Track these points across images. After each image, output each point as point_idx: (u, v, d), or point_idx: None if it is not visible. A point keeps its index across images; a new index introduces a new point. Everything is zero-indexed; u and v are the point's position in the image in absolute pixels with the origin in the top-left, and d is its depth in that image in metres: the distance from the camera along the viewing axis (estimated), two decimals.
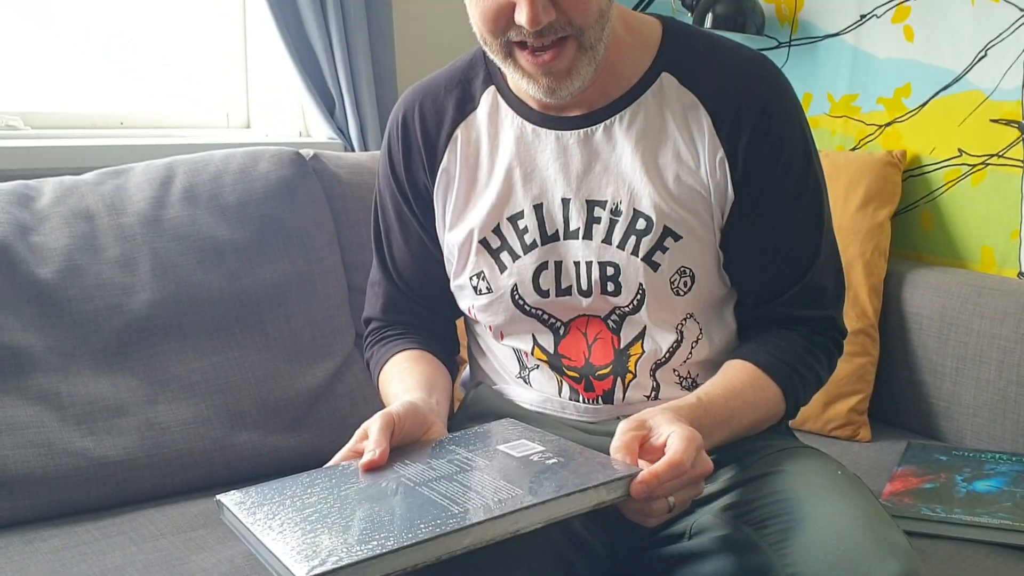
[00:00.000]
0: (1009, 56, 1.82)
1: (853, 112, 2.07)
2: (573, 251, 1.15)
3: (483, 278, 1.18)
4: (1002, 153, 1.85)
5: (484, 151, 1.19)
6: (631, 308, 1.14)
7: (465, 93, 1.21)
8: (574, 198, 1.14)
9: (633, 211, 1.12)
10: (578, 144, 1.14)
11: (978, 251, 1.91)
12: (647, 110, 1.13)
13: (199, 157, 1.65)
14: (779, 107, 1.14)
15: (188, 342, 1.51)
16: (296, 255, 1.63)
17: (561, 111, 1.15)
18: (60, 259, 1.45)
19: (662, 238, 1.12)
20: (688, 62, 1.14)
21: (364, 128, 2.06)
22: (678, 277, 1.13)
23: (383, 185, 1.28)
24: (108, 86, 2.02)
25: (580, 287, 1.15)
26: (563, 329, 1.18)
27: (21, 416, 1.36)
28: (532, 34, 1.02)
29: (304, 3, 1.96)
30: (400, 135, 1.24)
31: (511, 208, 1.16)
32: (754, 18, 2.10)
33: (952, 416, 1.76)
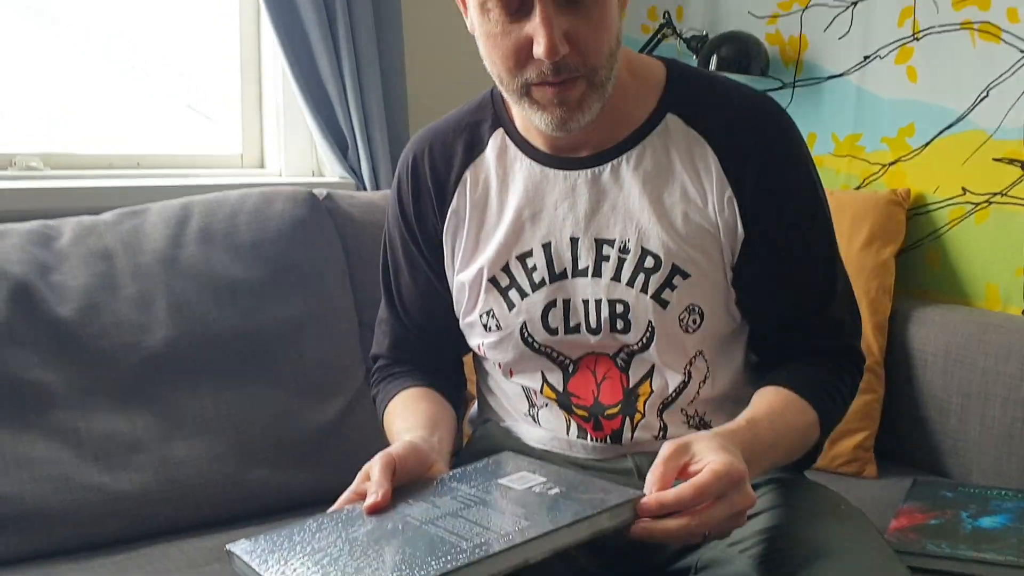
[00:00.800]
0: (1011, 96, 1.85)
1: (857, 151, 2.10)
2: (582, 289, 1.16)
3: (492, 316, 1.20)
4: (1005, 192, 1.87)
5: (493, 192, 1.21)
6: (640, 346, 1.15)
7: (474, 136, 1.23)
8: (583, 237, 1.16)
9: (641, 249, 1.14)
10: (586, 184, 1.16)
11: (983, 288, 1.92)
12: (654, 150, 1.15)
13: (215, 197, 1.69)
14: (785, 145, 1.16)
15: (203, 379, 1.53)
16: (309, 293, 1.66)
17: (569, 152, 1.17)
18: (79, 297, 1.48)
19: (671, 276, 1.13)
20: (693, 103, 1.16)
21: (376, 168, 2.10)
22: (687, 315, 1.14)
23: (392, 225, 1.31)
24: (125, 127, 2.06)
25: (589, 325, 1.16)
26: (572, 367, 1.19)
27: (40, 451, 1.39)
28: (550, 69, 1.04)
29: (318, 47, 2.00)
30: (410, 177, 1.26)
31: (520, 247, 1.18)
32: (758, 60, 2.13)
33: (958, 453, 1.77)
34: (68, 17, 1.97)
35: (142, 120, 2.09)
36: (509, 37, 1.05)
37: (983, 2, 1.87)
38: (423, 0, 2.25)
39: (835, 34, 2.11)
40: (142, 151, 2.05)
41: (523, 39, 1.04)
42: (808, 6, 2.16)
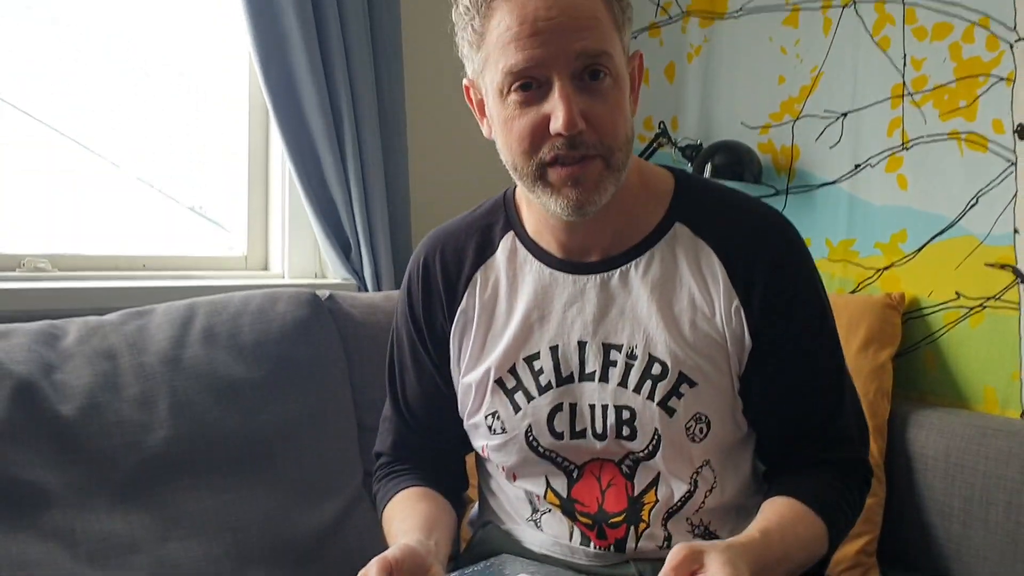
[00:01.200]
0: (999, 204, 1.89)
1: (851, 256, 2.13)
2: (588, 394, 1.16)
3: (498, 418, 1.20)
4: (998, 296, 1.90)
5: (503, 293, 1.22)
6: (646, 453, 1.15)
7: (485, 238, 1.25)
8: (591, 341, 1.16)
9: (648, 356, 1.14)
10: (595, 288, 1.17)
11: (980, 392, 1.93)
12: (662, 257, 1.16)
13: (219, 298, 1.71)
14: (792, 258, 1.18)
15: (202, 479, 1.53)
16: (309, 393, 1.67)
17: (578, 256, 1.19)
18: (82, 396, 1.49)
19: (677, 384, 1.13)
20: (701, 213, 1.18)
21: (378, 270, 2.14)
22: (694, 423, 1.14)
23: (400, 324, 1.31)
24: (131, 230, 2.10)
25: (595, 430, 1.16)
26: (577, 473, 1.18)
27: (34, 553, 1.37)
28: (566, 144, 1.05)
29: (324, 151, 2.06)
30: (421, 277, 1.27)
31: (528, 349, 1.19)
32: (752, 167, 2.19)
33: (962, 558, 1.75)
34: (75, 124, 2.03)
35: (148, 222, 2.13)
36: (527, 117, 1.07)
37: (969, 113, 1.94)
38: (428, 105, 2.32)
39: (826, 143, 2.18)
40: (148, 252, 2.08)
41: (540, 118, 1.06)
42: (799, 117, 2.23)
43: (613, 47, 1.06)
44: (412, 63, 2.24)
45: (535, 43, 1.03)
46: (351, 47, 2.06)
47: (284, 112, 2.02)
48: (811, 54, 2.20)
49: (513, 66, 1.04)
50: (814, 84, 2.20)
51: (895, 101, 2.05)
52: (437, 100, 2.33)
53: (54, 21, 1.98)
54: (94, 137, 2.05)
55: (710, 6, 2.40)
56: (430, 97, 2.33)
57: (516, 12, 1.03)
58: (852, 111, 2.13)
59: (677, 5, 2.48)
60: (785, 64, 2.25)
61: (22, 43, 1.93)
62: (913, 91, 2.02)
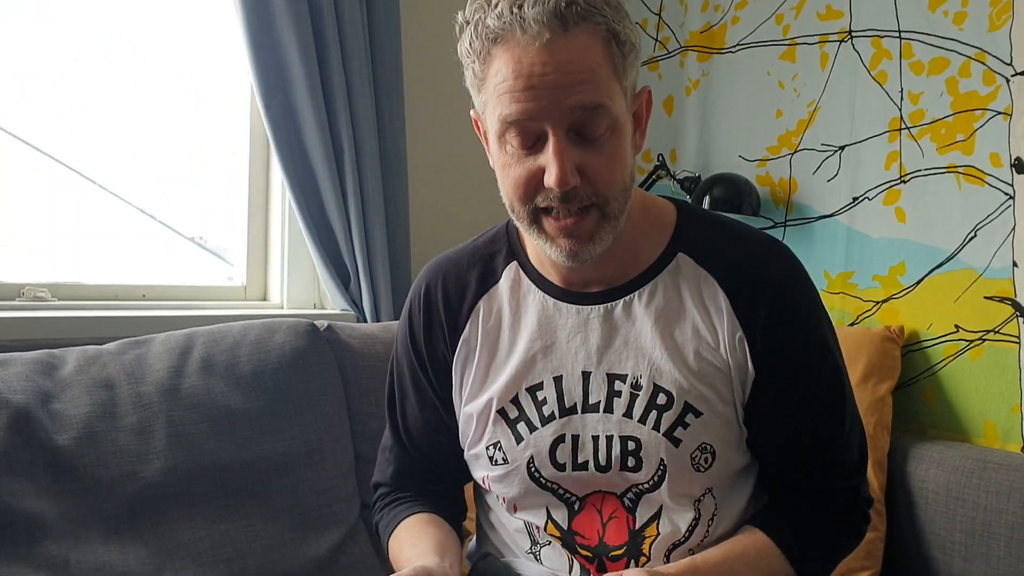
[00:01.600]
0: (998, 237, 1.90)
1: (850, 289, 2.14)
2: (592, 425, 1.16)
3: (499, 448, 1.19)
4: (998, 329, 1.90)
5: (506, 323, 1.21)
6: (650, 485, 1.14)
7: (487, 267, 1.25)
8: (595, 372, 1.16)
9: (654, 386, 1.14)
10: (598, 319, 1.17)
11: (980, 425, 1.92)
12: (665, 287, 1.17)
13: (218, 328, 1.71)
14: (795, 287, 1.18)
15: (198, 509, 1.52)
16: (306, 424, 1.66)
17: (582, 287, 1.19)
18: (79, 426, 1.48)
19: (683, 414, 1.13)
20: (703, 243, 1.19)
21: (377, 300, 2.14)
22: (699, 453, 1.14)
23: (401, 352, 1.30)
24: (131, 259, 2.11)
25: (598, 462, 1.15)
26: (578, 504, 1.18)
27: None
28: (559, 198, 1.06)
29: (324, 183, 2.07)
30: (422, 306, 1.27)
31: (531, 379, 1.18)
32: (750, 200, 2.20)
33: None
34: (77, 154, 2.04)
35: (149, 253, 2.14)
36: (522, 166, 1.07)
37: (967, 147, 1.95)
38: (428, 137, 2.34)
39: (824, 176, 2.19)
40: (148, 282, 2.08)
41: (535, 168, 1.06)
42: (797, 150, 2.24)
43: (611, 97, 1.06)
44: (412, 95, 2.26)
45: (529, 96, 1.03)
46: (352, 79, 2.08)
47: (285, 143, 2.04)
48: (809, 88, 2.22)
49: (507, 116, 1.04)
50: (811, 118, 2.21)
51: (893, 135, 2.07)
52: (437, 132, 2.35)
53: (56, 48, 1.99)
54: (96, 167, 2.06)
55: (708, 41, 2.43)
56: (430, 129, 2.34)
57: (512, 65, 1.03)
58: (850, 144, 2.14)
59: (676, 40, 2.50)
60: (783, 98, 2.27)
61: (24, 72, 1.95)
62: (910, 125, 2.04)
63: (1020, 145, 1.87)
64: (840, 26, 2.16)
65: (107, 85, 2.05)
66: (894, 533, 1.84)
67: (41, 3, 1.97)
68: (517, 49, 1.03)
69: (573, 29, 1.02)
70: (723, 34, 2.39)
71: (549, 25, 1.01)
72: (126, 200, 2.12)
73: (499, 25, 1.03)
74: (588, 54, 1.04)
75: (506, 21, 1.02)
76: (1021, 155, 1.87)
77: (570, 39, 1.02)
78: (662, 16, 2.53)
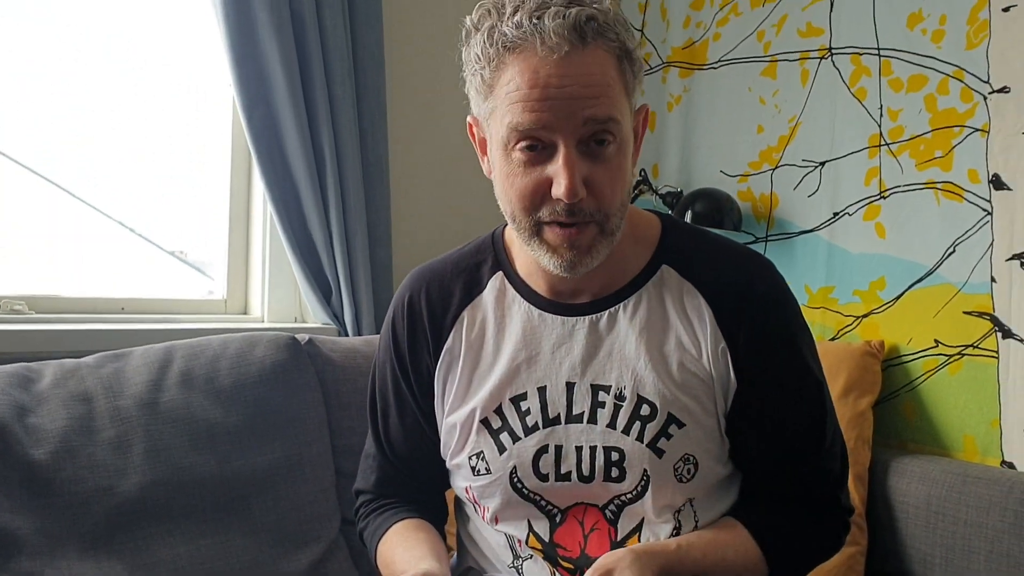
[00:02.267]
0: (976, 252, 1.91)
1: (831, 304, 2.15)
2: (575, 435, 1.16)
3: (482, 458, 1.19)
4: (977, 344, 1.91)
5: (490, 333, 1.22)
6: (633, 496, 1.15)
7: (472, 277, 1.25)
8: (579, 382, 1.16)
9: (637, 396, 1.14)
10: (583, 330, 1.18)
11: (960, 440, 1.93)
12: (649, 299, 1.18)
13: (198, 341, 1.69)
14: (777, 300, 1.19)
15: (176, 525, 1.50)
16: (287, 438, 1.65)
17: (568, 298, 1.19)
18: (55, 440, 1.46)
19: (666, 425, 1.14)
20: (686, 255, 1.20)
21: (359, 314, 2.13)
22: (682, 464, 1.14)
23: (383, 361, 1.30)
24: (110, 272, 2.09)
25: (581, 472, 1.15)
26: (560, 516, 1.18)
27: None
28: (565, 211, 1.06)
29: (307, 196, 2.06)
30: (406, 315, 1.26)
31: (515, 389, 1.18)
32: (731, 215, 2.21)
33: None
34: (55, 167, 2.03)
35: (129, 267, 2.12)
36: (529, 177, 1.07)
37: (945, 163, 1.96)
38: (411, 151, 2.33)
39: (804, 192, 2.20)
40: (127, 295, 2.07)
41: (543, 179, 1.07)
42: (777, 166, 2.25)
43: (622, 112, 1.07)
44: (395, 108, 2.26)
45: (544, 107, 1.03)
46: (335, 92, 2.07)
47: (266, 156, 2.03)
48: (789, 104, 2.23)
49: (519, 124, 1.05)
50: (792, 133, 2.23)
51: (872, 151, 2.08)
52: (419, 145, 2.35)
53: (36, 64, 1.98)
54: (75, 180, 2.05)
55: (690, 57, 2.44)
56: (413, 142, 2.34)
57: (527, 73, 1.04)
58: (830, 160, 2.16)
59: (658, 56, 2.51)
60: (764, 114, 2.28)
61: (2, 84, 1.93)
62: (890, 141, 2.05)
63: (998, 162, 1.89)
64: (820, 43, 2.18)
65: (87, 97, 2.04)
66: (875, 547, 1.84)
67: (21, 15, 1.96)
68: (534, 59, 1.03)
69: (591, 44, 1.04)
70: (705, 50, 2.41)
71: (569, 38, 1.02)
72: (106, 214, 2.11)
73: (517, 34, 1.03)
74: (604, 69, 1.05)
75: (525, 30, 1.03)
76: (999, 171, 1.89)
77: (587, 54, 1.04)
78: (644, 32, 2.54)
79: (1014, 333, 1.86)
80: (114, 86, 2.08)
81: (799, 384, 1.19)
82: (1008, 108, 1.87)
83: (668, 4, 2.49)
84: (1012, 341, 1.86)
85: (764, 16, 2.28)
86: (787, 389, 1.18)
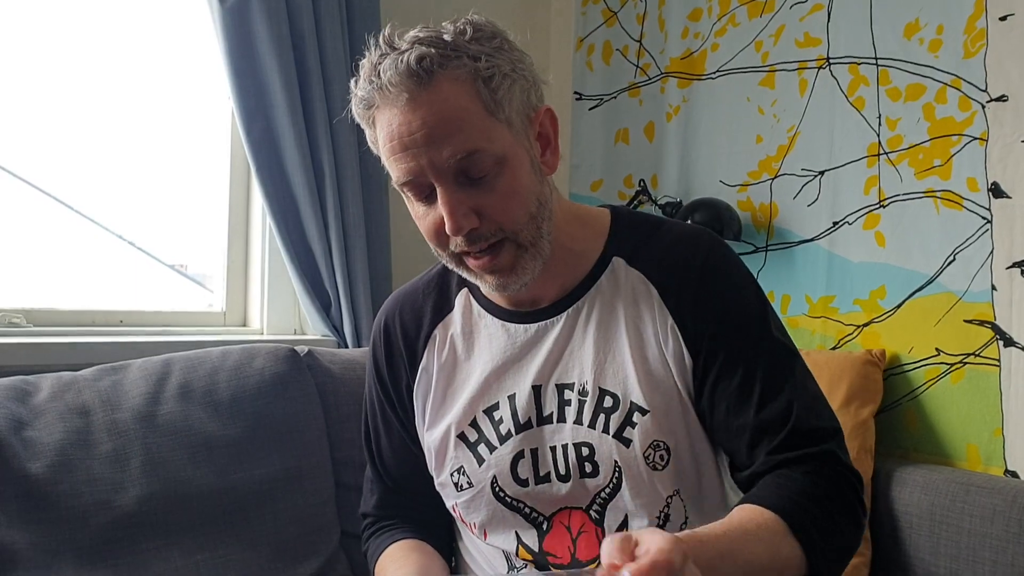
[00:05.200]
0: (976, 261, 1.91)
1: (831, 313, 2.14)
2: (548, 436, 1.17)
3: (463, 473, 1.21)
4: (978, 352, 1.91)
5: (460, 349, 1.25)
6: (610, 489, 1.15)
7: (442, 295, 1.28)
8: (545, 384, 1.18)
9: (599, 390, 1.15)
10: (545, 333, 1.20)
11: (963, 449, 1.92)
12: (602, 295, 1.19)
13: (196, 354, 1.69)
14: (716, 265, 1.17)
15: (173, 539, 1.49)
16: (286, 451, 1.64)
17: (529, 305, 1.21)
18: (52, 454, 1.45)
19: (629, 414, 1.14)
20: (633, 244, 1.20)
21: (358, 326, 2.12)
22: (652, 451, 1.14)
23: (370, 387, 1.35)
24: (109, 285, 2.09)
25: (558, 471, 1.16)
26: (546, 524, 1.18)
27: None
28: (464, 242, 1.09)
29: (306, 209, 2.06)
30: (383, 340, 1.31)
31: (486, 401, 1.21)
32: (731, 225, 2.21)
33: None
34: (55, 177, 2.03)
35: (128, 279, 2.11)
36: (428, 218, 1.12)
37: (944, 172, 1.96)
38: None
39: (804, 201, 2.20)
40: (125, 307, 2.06)
41: (438, 219, 1.10)
42: (777, 175, 2.25)
43: (488, 138, 1.06)
44: None
45: (407, 157, 1.06)
46: (333, 105, 2.07)
47: (265, 169, 2.03)
48: (788, 114, 2.24)
49: (397, 179, 1.10)
50: (791, 143, 2.23)
51: (871, 160, 2.08)
52: None
53: (35, 77, 1.98)
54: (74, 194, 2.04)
55: (688, 67, 2.44)
56: None
57: (386, 129, 1.08)
58: (829, 169, 2.16)
59: (656, 66, 2.51)
60: (763, 124, 2.28)
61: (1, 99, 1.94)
62: (889, 150, 2.05)
63: (996, 170, 1.89)
64: (818, 53, 2.18)
65: (86, 109, 2.04)
66: (879, 558, 1.83)
67: (18, 26, 1.96)
68: (387, 112, 1.07)
69: (432, 82, 1.05)
70: (703, 61, 2.41)
71: (405, 85, 1.04)
72: (104, 226, 2.11)
73: (367, 92, 1.08)
74: (453, 102, 1.05)
75: (371, 88, 1.07)
76: (998, 180, 1.89)
77: (432, 93, 1.05)
78: (642, 43, 2.55)
79: (1015, 341, 1.85)
80: (113, 99, 2.08)
81: (756, 346, 1.14)
82: (1006, 116, 1.87)
83: (666, 15, 2.49)
84: (1014, 349, 1.85)
85: (762, 27, 2.29)
86: (744, 352, 1.13)
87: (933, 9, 1.99)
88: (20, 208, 2.00)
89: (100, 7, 2.05)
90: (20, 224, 2.00)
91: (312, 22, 2.03)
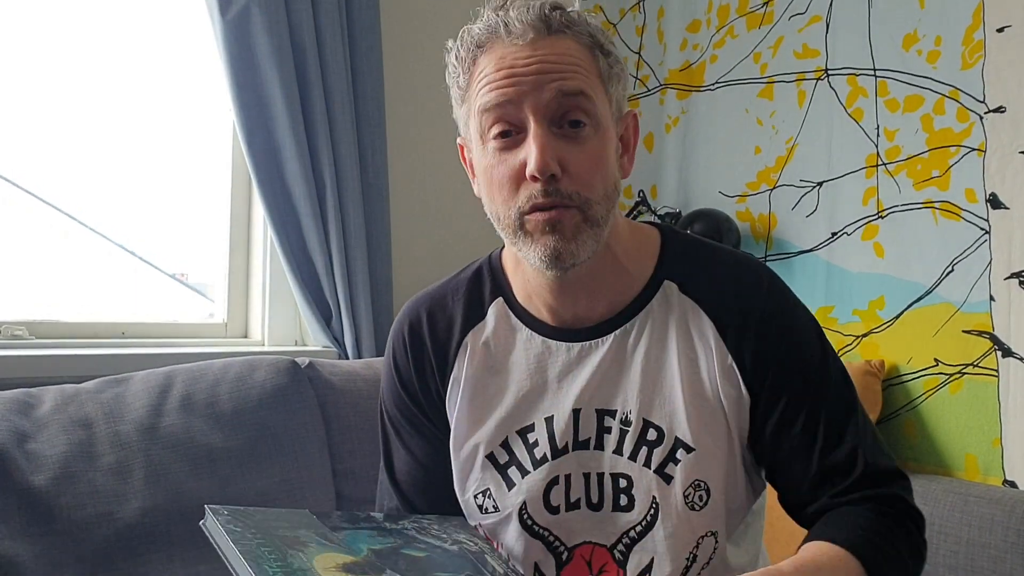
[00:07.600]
0: (975, 271, 1.92)
1: (830, 323, 2.15)
2: (583, 463, 1.11)
3: (489, 496, 1.14)
4: (976, 363, 1.91)
5: (493, 363, 1.16)
6: (643, 527, 1.10)
7: (474, 301, 1.19)
8: (584, 408, 1.11)
9: (643, 421, 1.10)
10: (588, 355, 1.12)
11: (962, 459, 1.93)
12: (653, 320, 1.12)
13: (198, 366, 1.69)
14: (779, 307, 1.13)
15: (175, 551, 1.49)
16: (287, 462, 1.64)
17: (571, 323, 1.14)
18: (55, 466, 1.46)
19: (674, 450, 1.09)
20: (686, 269, 1.14)
21: (359, 337, 2.13)
22: (692, 491, 1.09)
23: (388, 399, 1.24)
24: (110, 296, 2.09)
25: (590, 500, 1.11)
26: (567, 555, 1.12)
27: None
28: (542, 192, 1.02)
29: (307, 220, 2.07)
30: (409, 344, 1.21)
31: (521, 421, 1.13)
32: (730, 235, 2.21)
33: None
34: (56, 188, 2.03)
35: (129, 290, 2.12)
36: (505, 164, 1.04)
37: (942, 183, 1.97)
38: (410, 174, 2.34)
39: (803, 212, 2.21)
40: (127, 319, 2.07)
41: (518, 164, 1.03)
42: (775, 186, 2.26)
43: (594, 91, 1.04)
44: (395, 132, 2.27)
45: (510, 83, 1.02)
46: (334, 116, 2.08)
47: (267, 180, 2.04)
48: (787, 125, 2.25)
49: (486, 104, 1.03)
50: (790, 154, 2.24)
51: (870, 171, 2.09)
52: (419, 169, 2.36)
53: (36, 86, 1.99)
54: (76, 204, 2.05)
55: (687, 79, 2.46)
56: (413, 166, 2.35)
57: (495, 60, 1.04)
58: (828, 180, 2.17)
59: (655, 78, 2.53)
60: (761, 135, 2.29)
61: (1, 107, 1.94)
62: (887, 161, 2.06)
63: (994, 181, 1.90)
64: (817, 64, 2.19)
65: (88, 120, 2.05)
66: None
67: (21, 35, 1.97)
68: (501, 48, 1.04)
69: (557, 34, 1.04)
70: (702, 72, 2.42)
71: (533, 25, 1.03)
72: (106, 236, 2.11)
73: (484, 29, 1.05)
74: (572, 52, 1.05)
75: (491, 24, 1.04)
76: (996, 190, 1.89)
77: (554, 41, 1.04)
78: (641, 55, 2.56)
79: (1014, 352, 1.86)
80: (115, 110, 2.09)
81: (819, 388, 1.11)
82: (1004, 127, 1.88)
83: (665, 26, 2.50)
84: (1012, 360, 1.86)
85: (760, 38, 2.30)
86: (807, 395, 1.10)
87: (931, 21, 2.00)
88: (22, 219, 2.00)
89: (102, 18, 2.07)
90: (22, 235, 2.00)
91: (313, 34, 2.05)
